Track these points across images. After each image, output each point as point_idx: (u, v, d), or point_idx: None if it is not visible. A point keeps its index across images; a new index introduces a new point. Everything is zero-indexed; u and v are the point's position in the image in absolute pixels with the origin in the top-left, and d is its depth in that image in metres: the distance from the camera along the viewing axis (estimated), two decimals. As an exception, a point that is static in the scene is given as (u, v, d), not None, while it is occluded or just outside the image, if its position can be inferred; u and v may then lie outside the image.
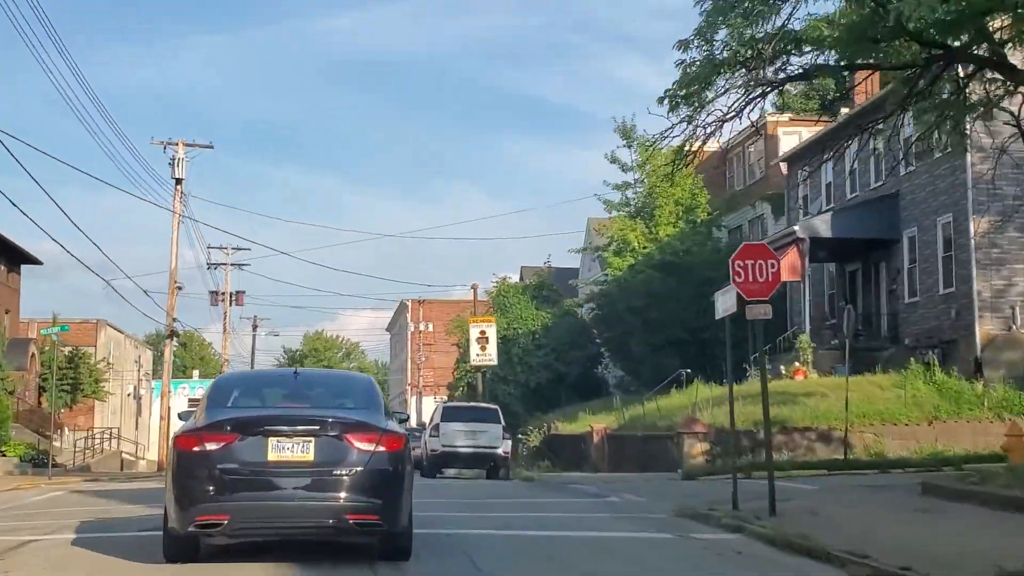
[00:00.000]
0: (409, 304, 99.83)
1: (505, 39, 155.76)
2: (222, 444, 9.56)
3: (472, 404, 28.53)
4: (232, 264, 71.59)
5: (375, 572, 9.51)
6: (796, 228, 32.11)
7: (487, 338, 38.27)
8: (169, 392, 52.03)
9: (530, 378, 48.07)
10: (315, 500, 9.54)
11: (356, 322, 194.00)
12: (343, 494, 9.52)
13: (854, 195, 35.05)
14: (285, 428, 9.61)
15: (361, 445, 9.66)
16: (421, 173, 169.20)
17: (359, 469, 9.57)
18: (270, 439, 9.53)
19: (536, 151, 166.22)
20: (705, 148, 49.08)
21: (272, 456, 9.51)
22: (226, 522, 9.45)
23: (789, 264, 32.28)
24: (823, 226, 32.50)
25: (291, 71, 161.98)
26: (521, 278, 59.53)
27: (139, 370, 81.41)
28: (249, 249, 72.19)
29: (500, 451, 27.27)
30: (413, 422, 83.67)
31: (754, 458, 25.22)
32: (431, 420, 28.66)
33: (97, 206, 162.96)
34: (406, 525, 9.94)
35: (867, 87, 39.21)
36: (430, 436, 27.33)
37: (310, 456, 9.51)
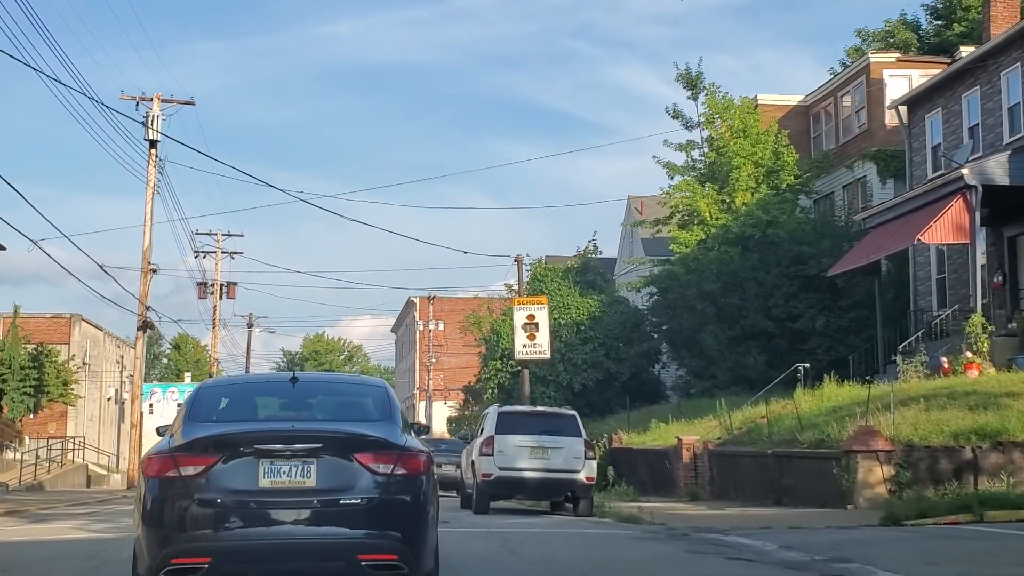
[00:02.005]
0: (417, 301, 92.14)
1: (505, 46, 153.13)
2: (202, 468, 7.44)
3: (540, 409, 20.21)
4: (224, 252, 63.49)
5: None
6: (964, 172, 23.96)
7: (537, 324, 29.85)
8: (141, 395, 43.91)
9: (574, 379, 39.88)
10: (319, 536, 7.44)
11: (359, 325, 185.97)
12: (353, 528, 7.43)
13: (1016, 136, 26.85)
14: (281, 447, 7.48)
15: (375, 467, 7.55)
16: (422, 178, 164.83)
17: (373, 497, 7.48)
18: (262, 461, 7.47)
19: (538, 156, 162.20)
20: (786, 101, 41.11)
21: (265, 482, 7.45)
22: (207, 565, 7.34)
23: (953, 221, 24.21)
24: (999, 170, 24.30)
25: (291, 77, 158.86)
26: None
27: (122, 372, 73.27)
28: (242, 235, 63.80)
29: (581, 476, 19.11)
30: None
31: (961, 487, 17.17)
32: (480, 431, 20.44)
33: (78, 202, 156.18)
34: (432, 567, 7.83)
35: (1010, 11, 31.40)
36: (481, 454, 19.09)
37: (312, 481, 7.47)
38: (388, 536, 7.49)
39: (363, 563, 7.45)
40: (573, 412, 19.76)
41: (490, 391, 42.13)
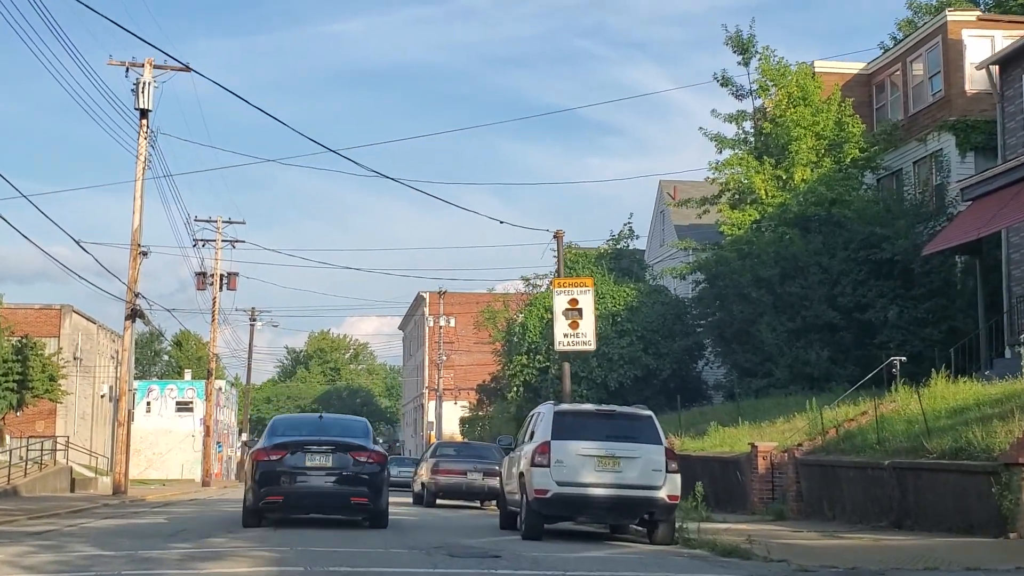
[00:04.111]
0: (427, 296, 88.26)
1: (513, 45, 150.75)
2: (281, 455, 16.61)
3: (607, 408, 15.90)
4: (225, 240, 59.49)
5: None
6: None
7: (580, 310, 25.49)
8: (132, 392, 40.01)
9: (610, 376, 35.92)
10: (332, 489, 16.59)
11: (365, 323, 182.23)
12: (348, 486, 16.56)
13: None
14: (316, 447, 16.71)
15: (359, 458, 16.71)
16: (430, 177, 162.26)
17: (358, 471, 16.61)
18: (307, 453, 16.64)
19: (547, 157, 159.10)
20: (846, 69, 37.05)
21: (308, 463, 16.54)
22: (281, 500, 16.63)
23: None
24: None
25: (297, 76, 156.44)
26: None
27: (117, 367, 69.22)
28: (243, 222, 59.85)
29: (662, 494, 14.53)
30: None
31: None
32: (527, 435, 16.40)
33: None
34: (384, 508, 17.12)
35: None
36: (533, 465, 14.72)
37: (330, 463, 16.59)
38: (363, 490, 16.47)
39: (352, 503, 16.57)
40: (649, 412, 15.63)
41: (515, 389, 38.21)
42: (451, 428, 74.32)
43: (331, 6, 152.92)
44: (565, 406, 15.99)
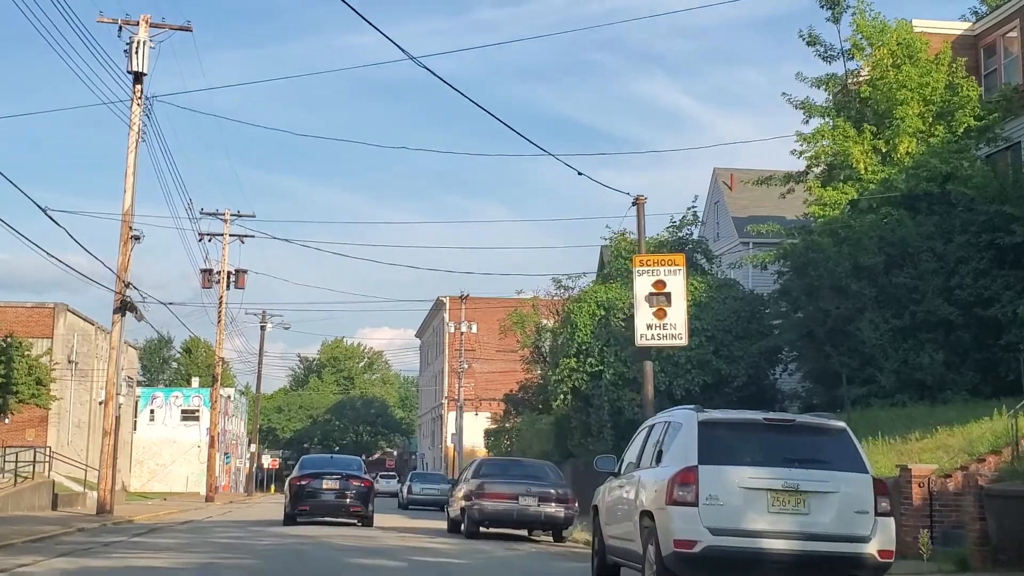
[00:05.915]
0: (447, 301, 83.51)
1: (528, 57, 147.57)
2: (307, 480, 26.44)
3: (779, 418, 10.73)
4: (232, 236, 54.73)
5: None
6: None
7: (668, 295, 20.09)
8: (118, 395, 35.21)
9: (675, 382, 30.88)
10: (339, 502, 26.43)
11: (382, 330, 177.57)
12: (349, 500, 26.35)
13: None
14: (328, 475, 26.57)
15: (356, 483, 26.59)
16: (441, 189, 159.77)
17: (355, 491, 26.38)
18: (324, 479, 26.49)
19: (559, 169, 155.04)
20: (948, 29, 31.94)
21: (324, 485, 26.35)
22: (308, 509, 26.34)
23: None
24: None
25: (314, 86, 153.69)
26: (602, 266, 42.27)
27: (118, 372, 64.55)
28: (253, 215, 55.01)
29: (872, 549, 9.47)
30: (452, 469, 67.07)
31: None
32: (645, 456, 11.38)
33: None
34: (371, 514, 26.82)
35: None
36: (671, 503, 9.62)
37: (337, 486, 26.32)
38: (358, 502, 26.65)
39: (352, 510, 26.75)
40: (843, 425, 10.41)
41: (561, 396, 33.19)
42: (472, 440, 69.49)
43: (346, 18, 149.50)
44: (715, 413, 10.67)
